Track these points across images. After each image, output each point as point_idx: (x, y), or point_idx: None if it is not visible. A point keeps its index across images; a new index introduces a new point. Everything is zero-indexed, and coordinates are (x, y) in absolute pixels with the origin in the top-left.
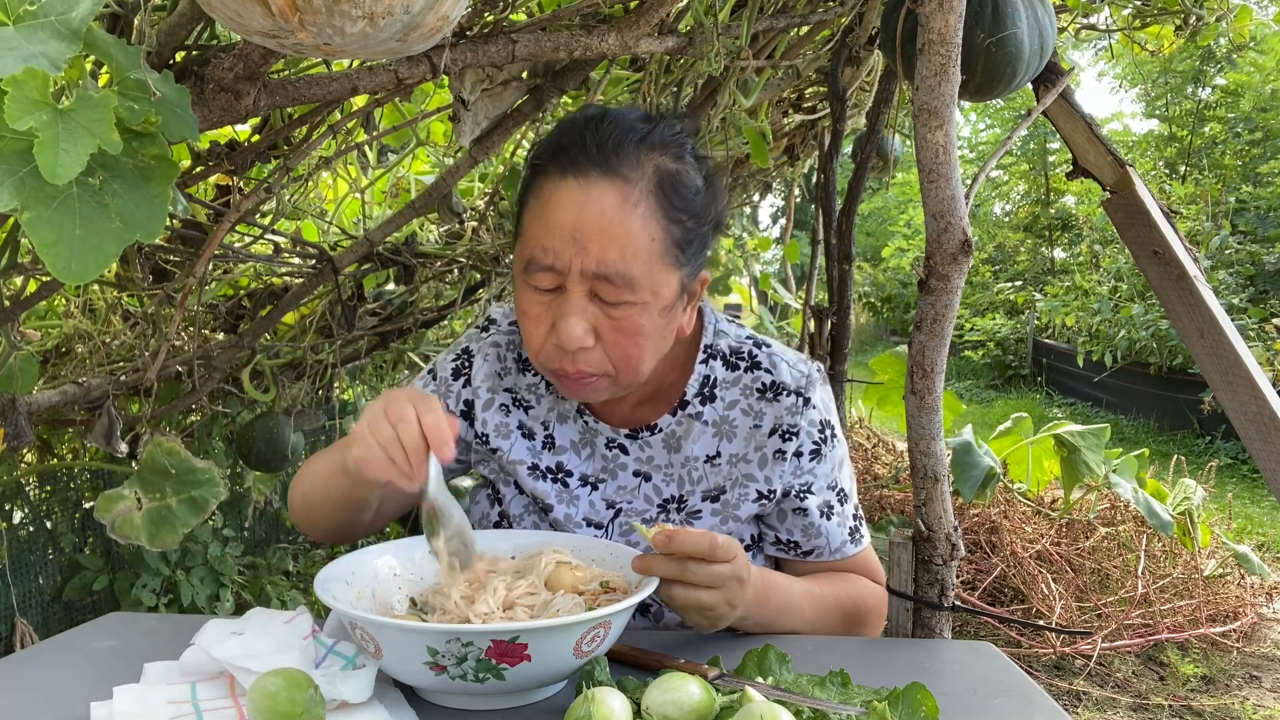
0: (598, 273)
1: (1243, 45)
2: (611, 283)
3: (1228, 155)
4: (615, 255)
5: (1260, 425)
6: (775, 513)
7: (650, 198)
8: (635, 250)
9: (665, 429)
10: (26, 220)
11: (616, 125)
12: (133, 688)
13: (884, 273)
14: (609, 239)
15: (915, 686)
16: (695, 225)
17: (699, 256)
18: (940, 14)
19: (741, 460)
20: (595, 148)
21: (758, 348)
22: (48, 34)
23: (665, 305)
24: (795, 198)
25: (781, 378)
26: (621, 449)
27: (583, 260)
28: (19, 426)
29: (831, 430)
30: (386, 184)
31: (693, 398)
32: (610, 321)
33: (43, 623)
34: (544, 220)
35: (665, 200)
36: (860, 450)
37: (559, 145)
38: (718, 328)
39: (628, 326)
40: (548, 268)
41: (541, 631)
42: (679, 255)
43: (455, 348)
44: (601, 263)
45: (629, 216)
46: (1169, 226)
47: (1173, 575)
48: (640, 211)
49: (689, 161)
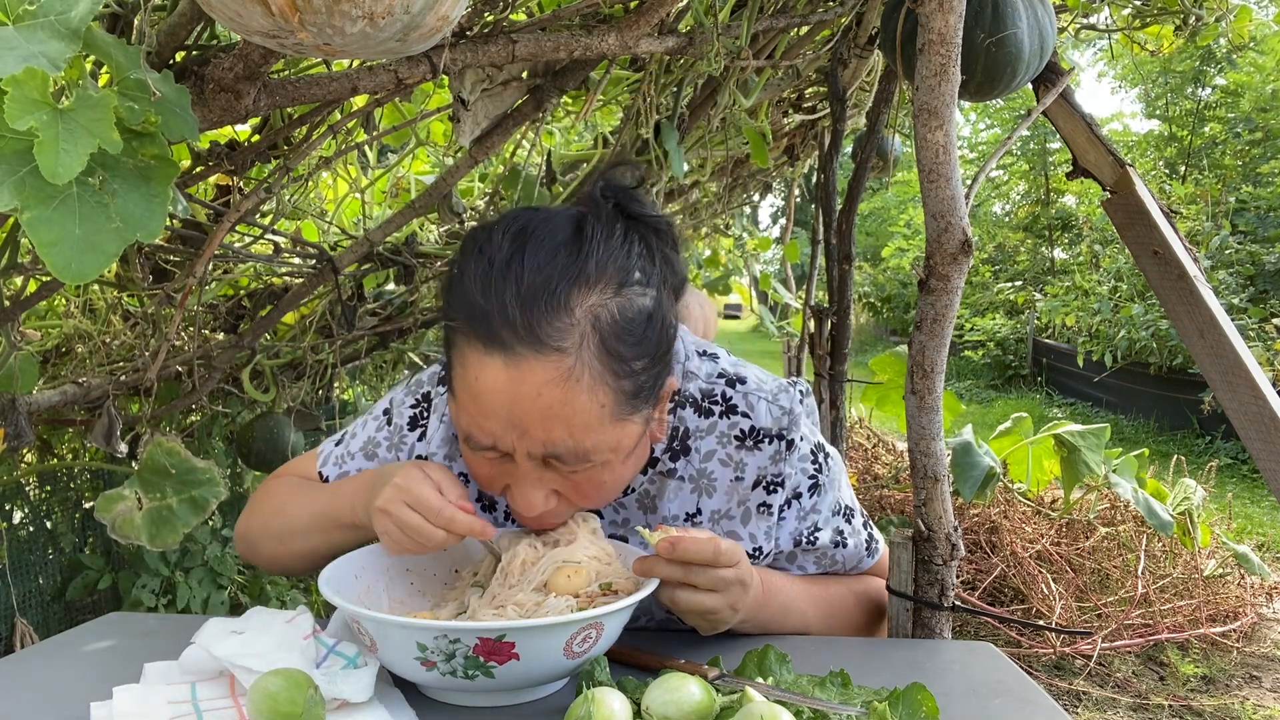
0: (546, 454)
1: (1242, 45)
2: (563, 460)
3: (1228, 155)
4: (562, 434)
5: (1260, 425)
6: (785, 555)
7: (594, 363)
8: (584, 424)
9: (638, 489)
10: (26, 220)
11: (536, 266)
12: (133, 688)
13: (884, 273)
14: (551, 421)
15: (915, 686)
16: (649, 363)
17: (660, 383)
18: (940, 14)
19: (724, 517)
20: (516, 312)
21: (731, 387)
22: (47, 34)
23: (629, 451)
24: (795, 198)
25: (760, 422)
26: (596, 513)
27: (526, 444)
28: (19, 426)
29: (823, 452)
30: (386, 184)
31: (662, 454)
32: (570, 483)
33: (43, 623)
34: (475, 399)
35: (611, 357)
36: (860, 450)
37: (471, 300)
38: (686, 369)
39: (588, 485)
40: (490, 448)
41: (528, 630)
42: (635, 404)
43: (416, 389)
44: (548, 445)
45: (571, 394)
46: (1169, 226)
47: (1173, 575)
48: (584, 384)
49: (635, 281)
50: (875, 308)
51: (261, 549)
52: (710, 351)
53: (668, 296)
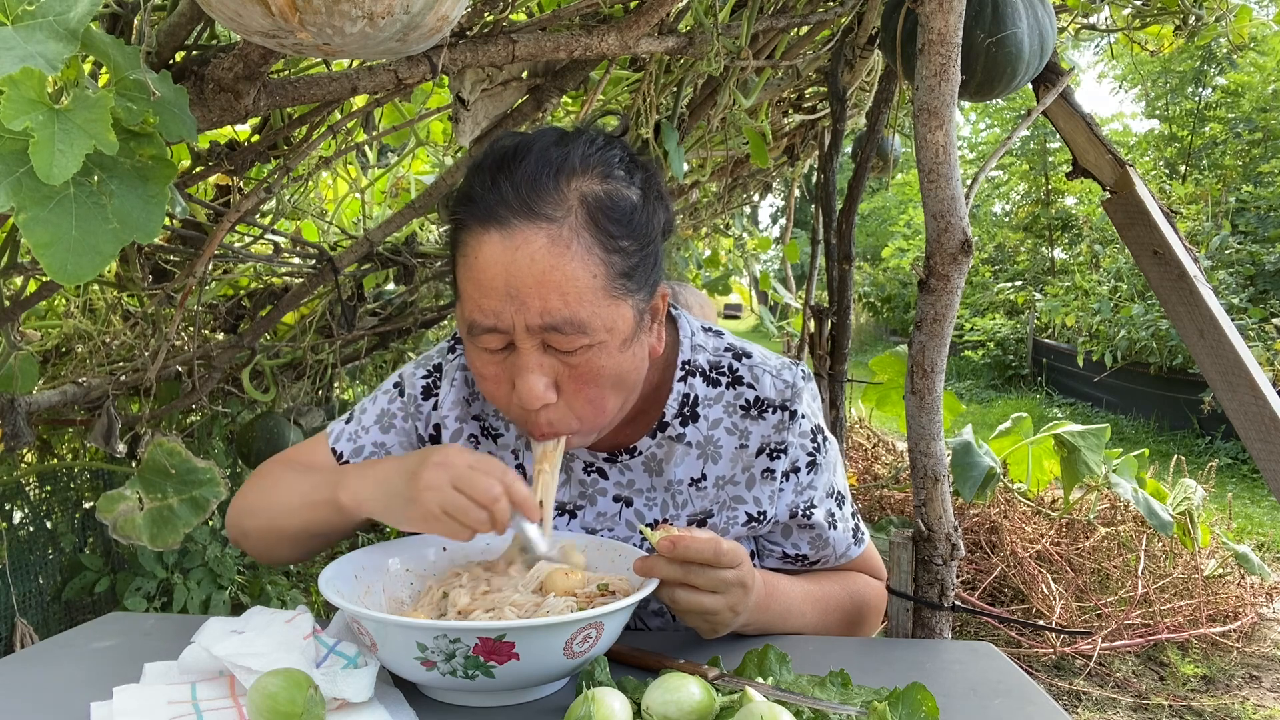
0: (543, 324)
1: (1243, 45)
2: (561, 331)
3: (1228, 155)
4: (558, 303)
5: (1260, 425)
6: (781, 528)
7: (583, 232)
8: (578, 292)
9: (645, 451)
10: (23, 221)
11: (529, 160)
12: (132, 688)
13: (884, 273)
14: (547, 288)
15: (915, 686)
16: (638, 247)
17: (650, 276)
18: (940, 14)
19: (729, 482)
20: (511, 191)
21: (738, 360)
22: (45, 34)
23: (624, 338)
24: (795, 198)
25: (765, 393)
26: (600, 473)
27: (525, 316)
28: (19, 426)
29: (823, 434)
30: (386, 184)
31: (672, 418)
32: (569, 370)
33: (43, 623)
34: (475, 280)
35: (599, 230)
36: (860, 450)
37: (473, 194)
38: (695, 341)
39: (587, 372)
40: (490, 329)
41: (528, 630)
42: (626, 283)
43: (425, 362)
44: (545, 314)
45: (563, 259)
46: (1169, 226)
47: (1173, 575)
48: (574, 250)
49: (618, 176)
50: (875, 308)
51: (249, 529)
52: (715, 329)
53: (654, 203)
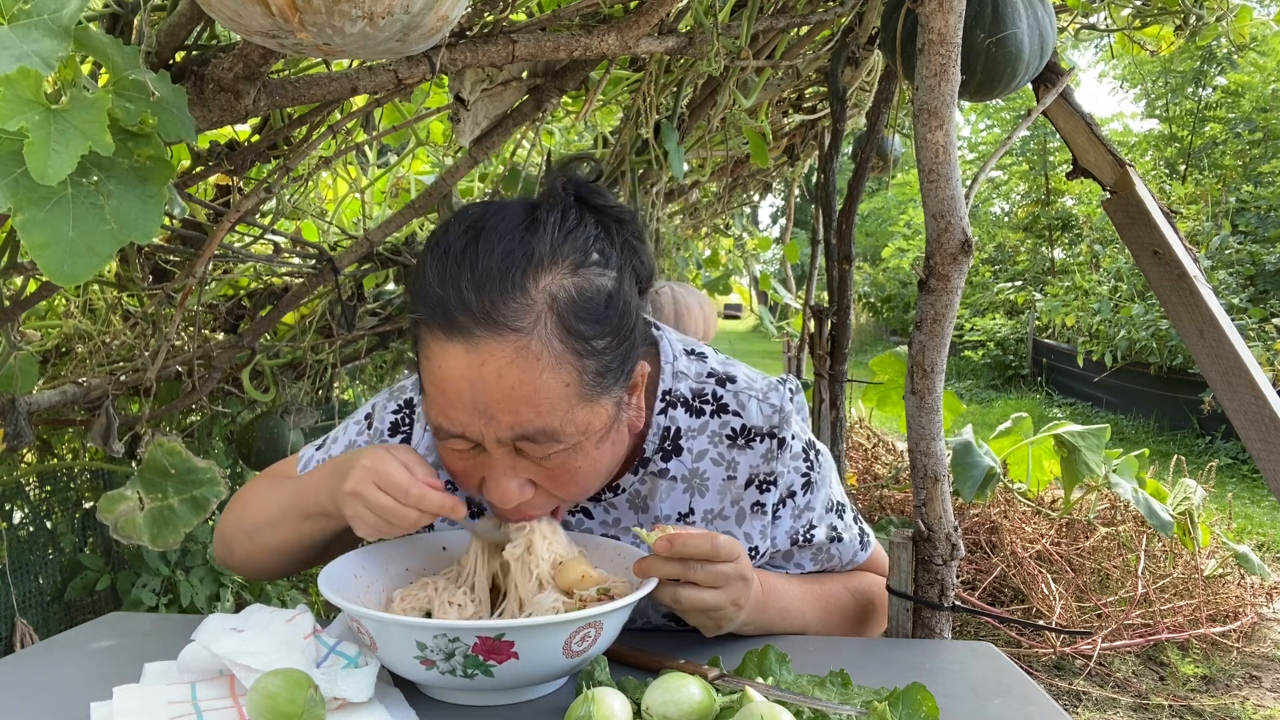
0: (515, 436)
1: (1243, 45)
2: (534, 440)
3: (1228, 155)
4: (529, 415)
5: (1260, 425)
6: (782, 554)
7: (553, 341)
8: (550, 403)
9: (629, 489)
10: (19, 222)
11: (492, 255)
12: (132, 688)
13: (884, 273)
14: (516, 401)
15: (915, 686)
16: (614, 342)
17: (628, 363)
18: (940, 14)
19: (718, 516)
20: (472, 296)
21: (722, 386)
22: (41, 32)
23: (601, 434)
24: (795, 198)
25: (752, 420)
26: (585, 513)
27: (495, 429)
28: (19, 426)
29: (814, 449)
30: (386, 184)
31: (653, 453)
32: (545, 470)
33: (43, 623)
34: (439, 387)
35: (571, 335)
36: (860, 450)
37: (430, 292)
38: (676, 368)
39: (563, 473)
40: (459, 436)
41: (527, 630)
42: (601, 383)
43: (398, 394)
44: (515, 426)
45: (532, 372)
46: (1169, 226)
47: (1173, 575)
48: (544, 362)
49: (592, 262)
50: (875, 308)
51: (235, 547)
52: (698, 351)
53: (630, 281)
